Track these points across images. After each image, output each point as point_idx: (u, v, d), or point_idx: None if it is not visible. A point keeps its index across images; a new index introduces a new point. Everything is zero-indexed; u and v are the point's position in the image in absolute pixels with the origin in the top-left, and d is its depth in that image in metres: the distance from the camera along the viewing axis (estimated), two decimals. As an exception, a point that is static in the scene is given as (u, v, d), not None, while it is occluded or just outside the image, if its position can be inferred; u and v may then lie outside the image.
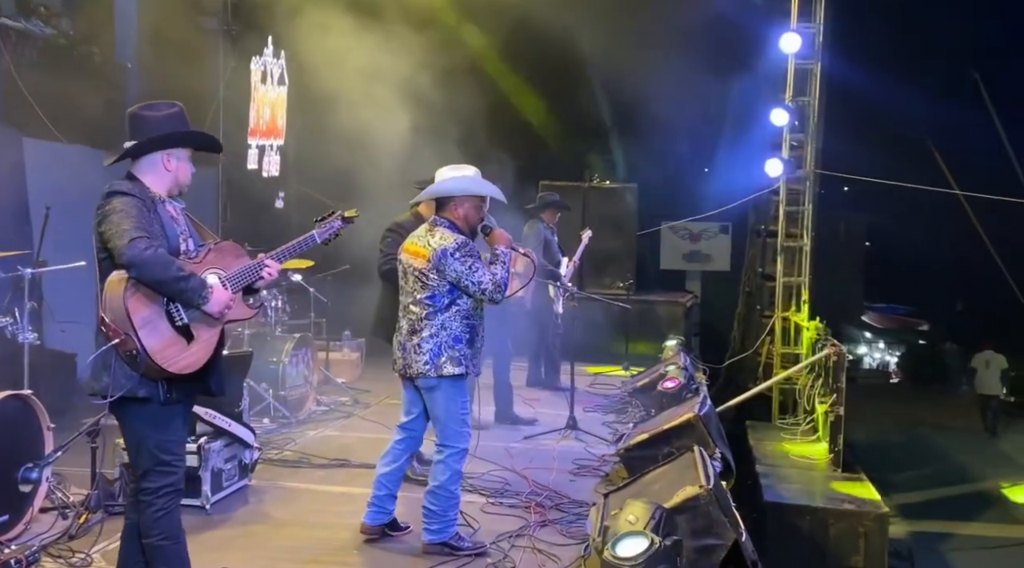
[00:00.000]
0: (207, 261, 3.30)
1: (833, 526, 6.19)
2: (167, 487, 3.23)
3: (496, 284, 4.14)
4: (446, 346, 4.18)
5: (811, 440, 7.83)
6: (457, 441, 4.25)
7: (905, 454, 13.58)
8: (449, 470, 4.23)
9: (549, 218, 8.21)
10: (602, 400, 7.99)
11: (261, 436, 6.10)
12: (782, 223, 9.78)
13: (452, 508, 4.28)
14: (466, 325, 4.22)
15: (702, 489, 3.84)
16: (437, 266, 4.17)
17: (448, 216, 4.30)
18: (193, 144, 3.38)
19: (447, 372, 4.17)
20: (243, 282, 3.34)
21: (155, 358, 3.06)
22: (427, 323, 4.21)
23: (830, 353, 7.38)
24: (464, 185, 4.32)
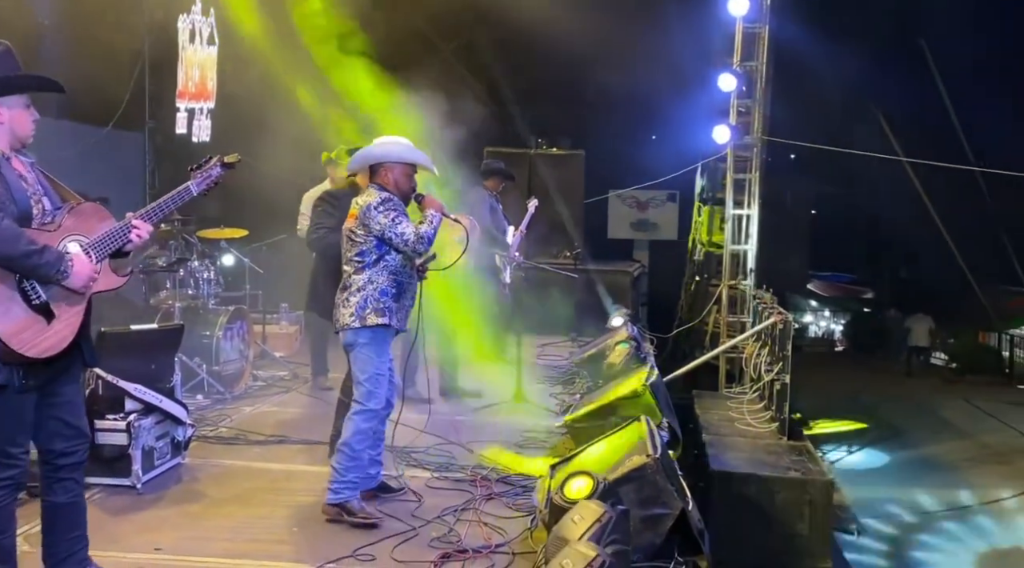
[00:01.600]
0: (65, 227, 3.07)
1: (779, 494, 6.30)
2: (7, 480, 3.07)
3: (419, 236, 4.29)
4: (372, 299, 4.34)
5: (757, 408, 7.98)
6: (367, 400, 4.37)
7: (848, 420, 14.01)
8: (355, 428, 4.36)
9: (493, 186, 8.15)
10: (549, 371, 8.04)
11: (195, 413, 6.02)
12: (729, 191, 9.89)
13: (353, 469, 4.36)
14: (393, 280, 4.39)
15: (649, 459, 3.90)
16: (363, 221, 4.35)
17: (379, 182, 4.47)
18: (16, 89, 3.03)
19: (371, 322, 4.32)
20: (109, 248, 3.14)
21: (9, 343, 2.88)
22: (356, 278, 4.39)
23: (776, 321, 7.51)
24: (393, 151, 4.48)
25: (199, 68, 9.52)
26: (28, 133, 3.10)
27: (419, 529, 4.26)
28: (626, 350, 6.58)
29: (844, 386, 16.93)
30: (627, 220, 13.92)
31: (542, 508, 4.08)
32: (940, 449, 12.85)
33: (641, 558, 3.77)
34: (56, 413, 3.21)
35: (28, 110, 3.10)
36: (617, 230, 13.90)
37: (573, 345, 9.20)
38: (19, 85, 3.06)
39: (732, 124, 9.69)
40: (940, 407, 15.55)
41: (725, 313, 9.71)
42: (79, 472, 3.33)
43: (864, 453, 12.56)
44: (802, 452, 6.89)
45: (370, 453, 4.56)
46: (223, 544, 4.08)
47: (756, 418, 7.67)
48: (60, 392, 3.21)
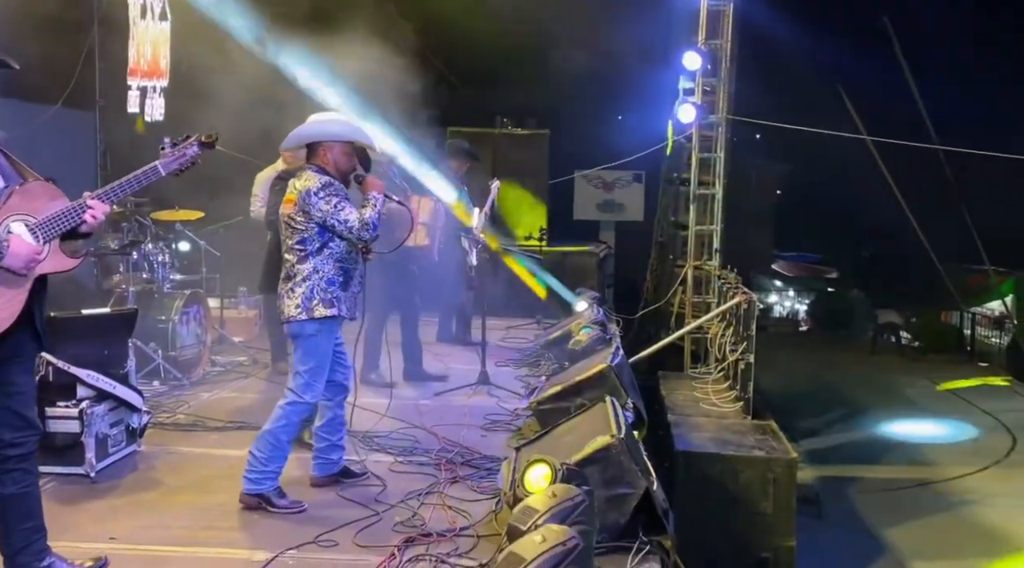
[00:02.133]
0: (9, 207, 2.99)
1: (743, 473, 6.42)
2: None
3: (364, 223, 4.19)
4: (319, 289, 4.25)
5: (722, 389, 8.08)
6: (304, 392, 4.28)
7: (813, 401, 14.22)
8: (285, 418, 4.28)
9: (458, 167, 8.12)
10: (514, 354, 8.06)
11: (151, 399, 5.94)
12: (695, 171, 9.95)
13: (276, 460, 4.29)
14: (340, 268, 4.30)
15: (613, 439, 3.92)
16: (303, 208, 4.22)
17: (318, 162, 4.34)
18: None
19: (319, 314, 4.23)
20: (59, 228, 3.06)
21: None
22: (300, 268, 4.27)
23: (740, 301, 7.60)
24: (330, 130, 4.36)
25: (151, 45, 9.28)
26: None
27: (382, 514, 4.24)
28: (592, 332, 6.60)
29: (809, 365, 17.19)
30: (593, 201, 13.94)
31: (507, 490, 4.08)
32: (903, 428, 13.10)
33: (606, 538, 3.80)
34: (6, 402, 3.13)
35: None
36: (583, 211, 13.92)
37: (539, 327, 9.22)
38: None
39: (697, 103, 9.73)
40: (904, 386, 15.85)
41: (690, 294, 9.80)
42: (29, 462, 3.26)
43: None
44: (766, 431, 7.01)
45: (330, 438, 4.54)
46: (180, 532, 4.04)
47: (721, 398, 7.79)
48: (10, 381, 3.14)
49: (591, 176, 13.53)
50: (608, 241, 13.39)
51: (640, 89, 11.96)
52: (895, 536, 9.10)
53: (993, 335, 19.69)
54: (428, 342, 7.50)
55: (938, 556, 8.64)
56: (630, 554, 3.69)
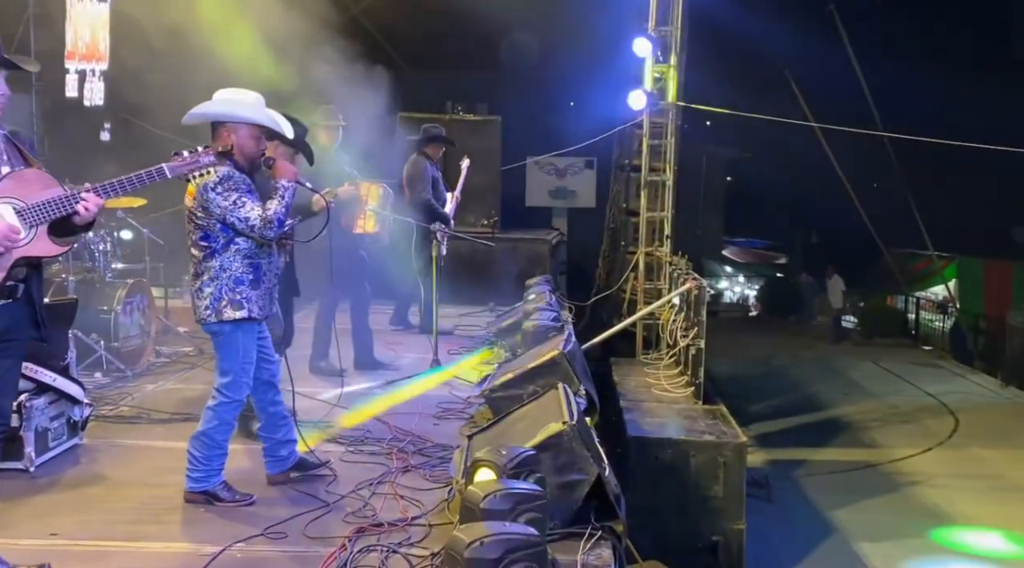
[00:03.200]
0: (0, 189, 3.03)
1: (694, 457, 6.50)
2: None
3: (266, 220, 3.94)
4: (226, 289, 4.04)
5: (673, 374, 8.17)
6: (234, 391, 4.16)
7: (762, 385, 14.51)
8: (218, 419, 4.16)
9: (433, 153, 8.07)
10: (467, 341, 8.05)
11: (93, 391, 5.82)
12: (645, 157, 10.02)
13: (216, 457, 4.20)
14: (248, 265, 4.07)
15: (565, 426, 3.94)
16: (202, 203, 3.98)
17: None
18: None
19: (228, 316, 4.05)
20: (48, 215, 3.10)
21: None
22: (206, 266, 4.06)
23: (690, 287, 7.68)
24: (236, 110, 4.02)
25: (89, 27, 9.05)
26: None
27: (333, 505, 4.21)
28: (543, 319, 6.62)
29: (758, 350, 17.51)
30: (546, 188, 13.96)
31: (459, 479, 4.09)
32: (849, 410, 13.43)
33: (558, 524, 3.82)
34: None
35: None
36: (536, 198, 13.93)
37: (491, 315, 9.22)
38: None
39: (647, 90, 9.79)
40: (850, 369, 16.23)
41: (642, 280, 9.88)
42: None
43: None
44: (716, 416, 7.11)
45: (274, 437, 4.44)
46: (125, 527, 3.96)
47: (672, 383, 7.87)
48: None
49: (543, 162, 13.55)
50: (560, 228, 13.43)
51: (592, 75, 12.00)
52: (842, 517, 9.34)
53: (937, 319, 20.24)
54: (379, 329, 7.44)
55: (884, 536, 8.90)
56: (582, 540, 3.72)
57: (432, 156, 8.08)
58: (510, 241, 10.66)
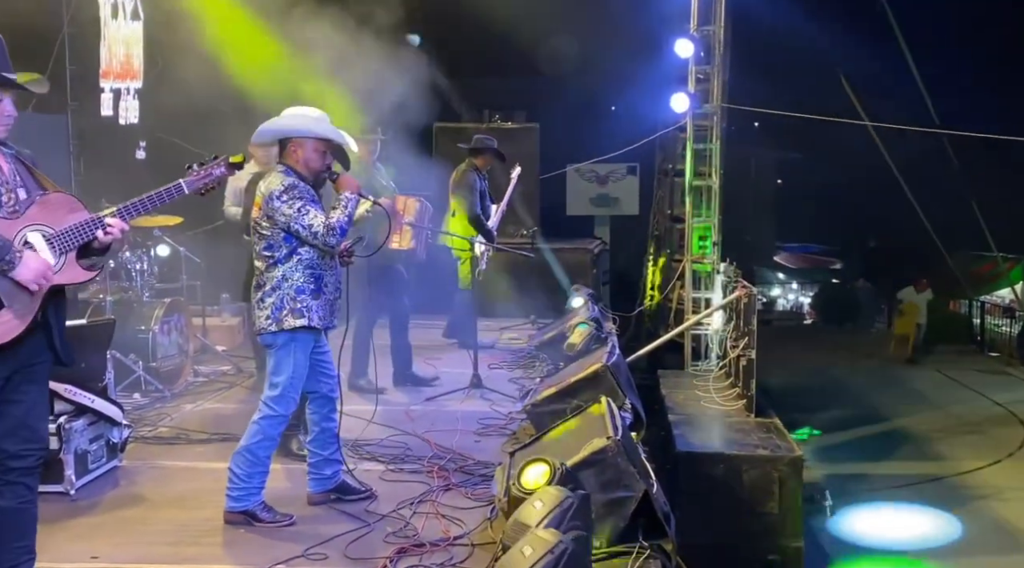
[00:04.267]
0: (29, 216, 3.09)
1: (747, 473, 6.43)
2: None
3: (329, 228, 4.10)
4: (288, 298, 4.18)
5: (724, 386, 8.10)
6: (281, 405, 4.24)
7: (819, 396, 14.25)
8: (263, 434, 4.24)
9: (483, 165, 8.11)
10: (508, 356, 8.07)
11: (131, 412, 5.94)
12: (690, 162, 9.96)
13: (257, 475, 4.27)
14: (310, 276, 4.21)
15: (609, 441, 3.94)
16: (267, 212, 4.16)
17: (287, 161, 4.26)
18: None
19: (288, 325, 4.18)
20: (74, 241, 3.16)
21: None
22: (268, 276, 4.21)
23: (740, 295, 7.62)
24: (301, 125, 4.25)
25: (123, 45, 9.27)
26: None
27: (373, 525, 4.25)
28: (587, 331, 6.62)
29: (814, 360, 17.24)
30: (586, 195, 13.93)
31: (501, 497, 4.10)
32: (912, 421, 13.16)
33: (605, 543, 3.81)
34: (14, 411, 3.18)
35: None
36: (576, 206, 13.92)
37: (533, 327, 9.23)
38: None
39: (690, 92, 9.75)
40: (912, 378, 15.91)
41: (689, 289, 9.81)
42: (32, 477, 3.30)
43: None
44: (770, 429, 7.03)
45: (322, 453, 4.50)
46: (165, 549, 4.04)
47: (723, 396, 7.80)
48: (24, 390, 3.19)
49: (584, 170, 13.53)
50: (603, 237, 13.39)
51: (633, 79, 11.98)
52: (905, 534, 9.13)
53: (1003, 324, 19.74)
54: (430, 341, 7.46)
55: (950, 552, 8.68)
56: (630, 559, 3.70)
57: (481, 167, 8.10)
58: (551, 252, 10.66)
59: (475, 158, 8.09)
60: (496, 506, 4.26)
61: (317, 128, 4.25)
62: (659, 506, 4.02)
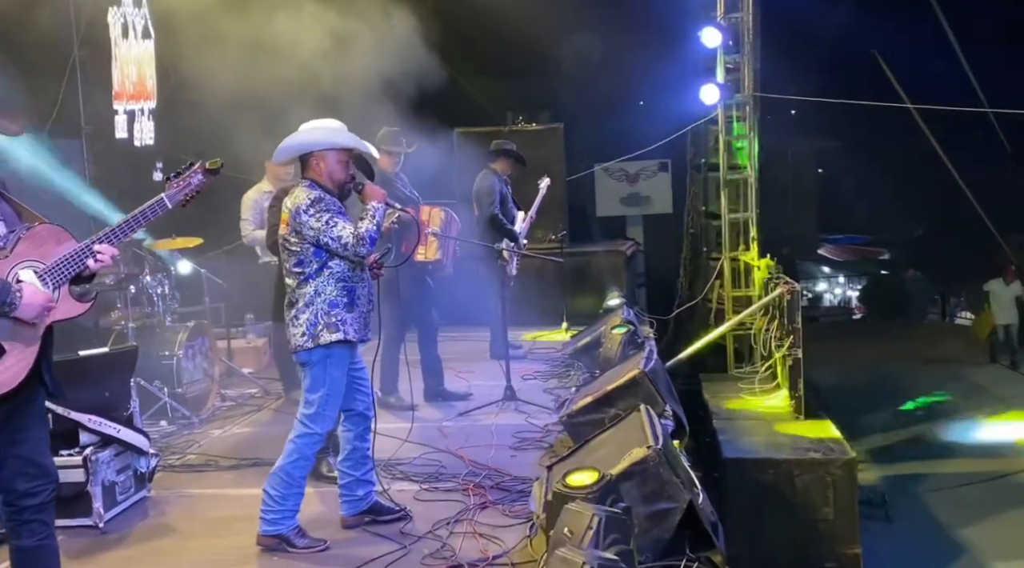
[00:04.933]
0: (17, 253, 3.10)
1: (798, 478, 6.38)
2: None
3: (358, 237, 4.16)
4: (322, 313, 4.23)
5: (770, 388, 8.04)
6: (317, 423, 4.29)
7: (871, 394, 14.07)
8: (299, 453, 4.28)
9: (504, 169, 8.19)
10: (541, 365, 8.06)
11: (158, 440, 6.02)
12: (723, 155, 9.90)
13: (292, 497, 4.29)
14: (342, 289, 4.27)
15: (650, 450, 3.91)
16: (294, 228, 4.22)
17: (310, 175, 4.33)
18: None
19: (324, 340, 4.22)
20: (67, 274, 3.17)
21: None
22: (300, 292, 4.27)
23: (782, 292, 7.55)
24: (322, 138, 4.33)
25: (135, 65, 9.41)
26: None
27: (409, 547, 4.26)
28: (622, 336, 6.60)
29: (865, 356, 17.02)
30: (617, 195, 13.89)
31: (539, 513, 4.09)
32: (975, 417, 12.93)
33: (650, 558, 3.79)
34: (17, 451, 3.21)
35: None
36: (606, 207, 13.88)
37: (566, 335, 9.21)
38: None
39: (720, 82, 9.69)
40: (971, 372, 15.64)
41: (729, 288, 9.74)
42: (46, 513, 3.33)
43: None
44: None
45: (354, 474, 4.53)
46: (197, 580, 4.09)
47: (770, 398, 7.75)
48: (22, 427, 3.22)
49: (612, 169, 13.49)
50: (636, 237, 13.34)
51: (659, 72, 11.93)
52: (972, 535, 8.97)
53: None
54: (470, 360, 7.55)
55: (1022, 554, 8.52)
56: (677, 573, 3.68)
57: (502, 171, 8.17)
58: (582, 255, 10.65)
59: (494, 163, 8.16)
60: (535, 523, 4.24)
61: (338, 139, 4.34)
62: (706, 517, 3.99)
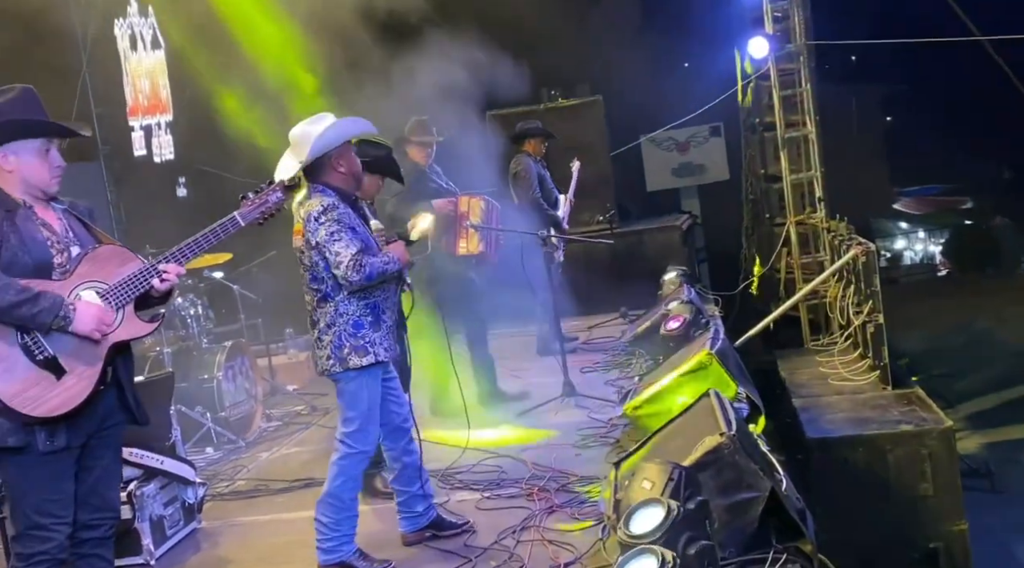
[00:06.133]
0: (79, 273, 3.23)
1: (891, 453, 6.28)
2: (41, 555, 3.20)
3: (357, 262, 4.06)
4: (347, 335, 4.18)
5: (852, 359, 7.91)
6: (360, 441, 4.26)
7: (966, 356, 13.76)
8: (344, 474, 4.26)
9: (535, 150, 8.21)
10: (600, 356, 8.03)
11: (205, 468, 6.12)
12: (779, 112, 9.78)
13: (346, 521, 4.29)
14: (365, 306, 4.22)
15: (723, 437, 3.86)
16: (308, 239, 4.17)
17: (325, 179, 4.24)
18: (16, 135, 3.21)
19: (353, 364, 4.18)
20: (131, 294, 3.27)
21: (11, 403, 3.03)
22: (321, 312, 4.23)
23: (856, 254, 7.45)
24: (326, 138, 4.18)
25: (147, 77, 9.60)
26: (45, 182, 3.27)
27: (476, 559, 4.28)
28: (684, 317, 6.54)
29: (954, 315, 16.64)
30: (668, 166, 13.73)
31: (610, 514, 4.06)
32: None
33: (734, 552, 3.73)
34: (86, 478, 3.34)
35: (44, 157, 3.25)
36: (657, 180, 13.73)
37: (624, 321, 9.16)
38: (17, 130, 3.20)
39: (769, 34, 9.56)
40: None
41: (797, 255, 9.62)
42: (104, 548, 3.45)
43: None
44: (912, 400, 6.86)
45: (409, 490, 4.54)
46: (256, 612, 4.14)
47: (852, 370, 7.63)
48: (97, 456, 3.35)
49: (660, 138, 13.33)
50: (692, 210, 13.20)
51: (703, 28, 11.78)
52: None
53: None
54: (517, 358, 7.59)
55: None
56: (765, 566, 3.62)
57: (534, 152, 8.17)
58: (633, 235, 10.57)
59: (524, 146, 8.16)
60: (607, 525, 4.22)
61: (341, 130, 4.25)
62: (791, 504, 3.93)
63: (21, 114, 3.23)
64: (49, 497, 3.20)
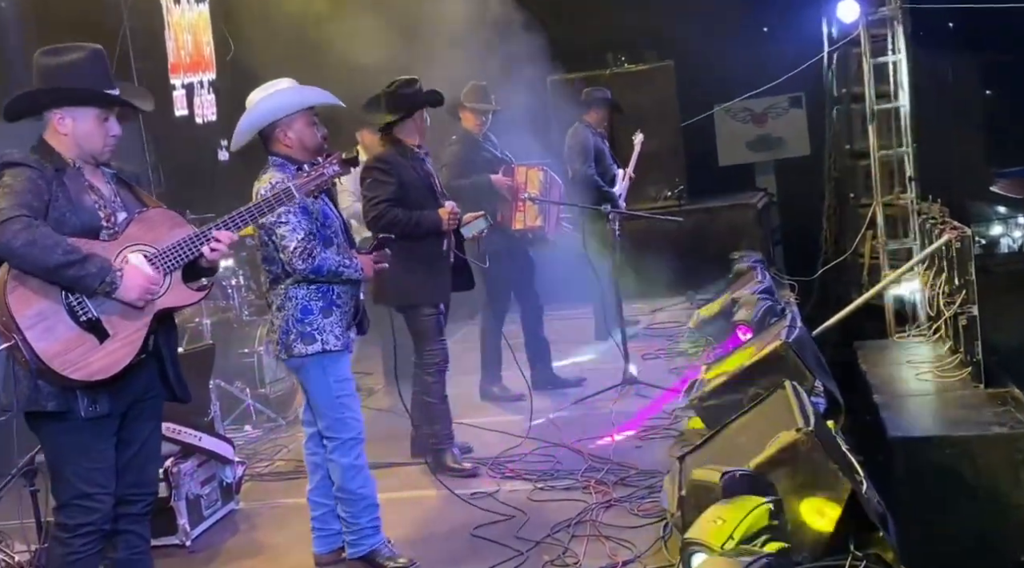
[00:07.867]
0: (127, 236, 3.29)
1: (982, 457, 6.23)
2: (86, 526, 3.28)
3: (304, 252, 4.01)
4: (294, 320, 4.15)
5: (941, 353, 7.85)
6: (339, 430, 4.23)
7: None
8: (339, 467, 4.24)
9: (597, 121, 8.16)
10: (664, 342, 8.02)
11: (244, 447, 6.23)
12: (869, 81, 9.68)
13: (364, 512, 4.28)
14: (316, 290, 4.16)
15: (800, 434, 3.84)
16: None
17: (277, 149, 4.18)
18: (73, 100, 3.29)
19: (298, 351, 4.15)
20: (179, 259, 3.33)
21: (51, 364, 3.09)
22: (273, 294, 4.23)
23: (950, 239, 7.36)
24: (279, 103, 4.11)
25: (191, 33, 9.68)
26: (99, 148, 3.35)
27: (527, 553, 4.31)
28: (757, 303, 6.51)
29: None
30: (742, 139, 13.56)
31: (673, 511, 4.07)
32: None
33: (808, 558, 3.73)
34: (124, 451, 3.43)
35: (102, 124, 3.33)
36: (731, 154, 13.57)
37: (691, 305, 9.13)
38: (78, 98, 3.28)
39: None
40: None
41: (883, 238, 9.53)
42: (142, 525, 3.55)
43: None
44: (1007, 400, 6.79)
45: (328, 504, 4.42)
46: (296, 599, 4.22)
47: (940, 366, 7.56)
48: (135, 428, 3.44)
49: (735, 109, 13.16)
50: (768, 187, 13.04)
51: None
52: None
53: None
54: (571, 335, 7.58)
55: None
56: (841, 573, 3.61)
57: (595, 124, 8.10)
58: (704, 212, 10.50)
59: (586, 115, 8.09)
60: (669, 522, 4.23)
61: (297, 97, 4.15)
62: (871, 507, 3.92)
63: (89, 77, 3.30)
64: (94, 465, 3.28)
